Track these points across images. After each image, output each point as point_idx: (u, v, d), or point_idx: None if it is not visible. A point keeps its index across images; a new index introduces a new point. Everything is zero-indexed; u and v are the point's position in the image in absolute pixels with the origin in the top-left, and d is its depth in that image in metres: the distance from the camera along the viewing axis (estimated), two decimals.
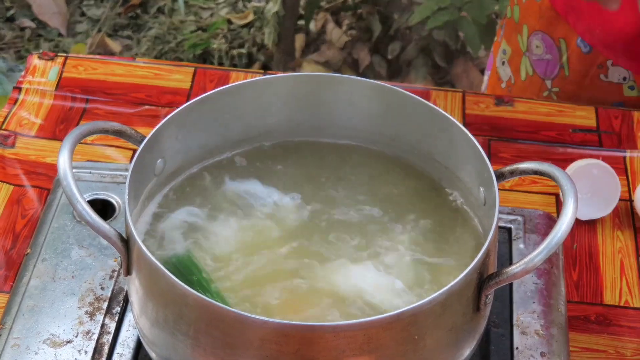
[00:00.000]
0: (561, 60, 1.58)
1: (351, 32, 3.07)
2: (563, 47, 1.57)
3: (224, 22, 3.13)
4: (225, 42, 3.09)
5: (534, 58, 1.63)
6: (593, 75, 1.56)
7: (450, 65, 2.96)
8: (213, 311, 0.89)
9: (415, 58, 2.88)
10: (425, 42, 2.88)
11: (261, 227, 1.07)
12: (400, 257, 1.05)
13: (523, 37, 1.64)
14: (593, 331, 1.23)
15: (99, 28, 3.14)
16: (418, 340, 0.90)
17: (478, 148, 1.01)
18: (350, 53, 3.02)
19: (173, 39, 3.13)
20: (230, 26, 3.17)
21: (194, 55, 3.05)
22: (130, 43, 3.14)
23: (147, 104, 1.48)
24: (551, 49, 1.59)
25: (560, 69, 1.59)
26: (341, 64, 3.01)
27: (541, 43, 1.60)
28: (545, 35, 1.59)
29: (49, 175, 1.36)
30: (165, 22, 3.18)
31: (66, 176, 0.94)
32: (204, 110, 1.07)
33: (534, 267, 0.91)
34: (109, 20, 3.18)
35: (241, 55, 3.06)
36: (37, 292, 1.11)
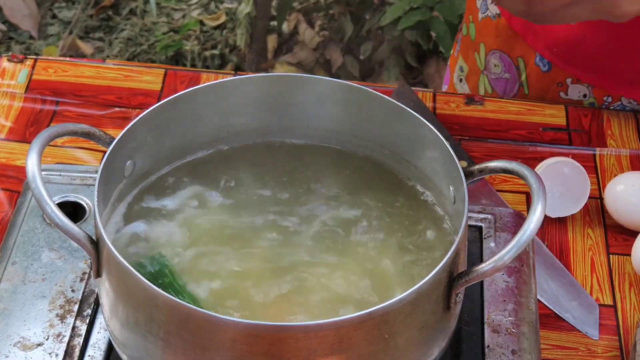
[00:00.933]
0: (520, 79, 1.59)
1: (323, 33, 3.08)
2: (522, 66, 1.57)
3: (196, 24, 3.13)
4: (198, 44, 3.09)
5: (492, 77, 1.63)
6: (553, 93, 1.56)
7: (423, 65, 2.96)
8: (183, 312, 0.88)
9: (388, 58, 2.89)
10: (397, 42, 2.89)
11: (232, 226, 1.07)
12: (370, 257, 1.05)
13: (480, 55, 1.64)
14: (564, 329, 1.23)
15: (70, 30, 3.13)
16: (389, 340, 0.90)
17: (446, 147, 1.01)
18: (322, 54, 3.02)
19: (145, 41, 3.13)
20: (203, 27, 3.17)
21: (166, 56, 3.05)
22: (102, 45, 3.13)
23: (117, 105, 1.47)
24: (510, 68, 1.59)
25: (519, 87, 1.60)
26: (314, 64, 3.02)
27: (499, 62, 1.60)
28: (503, 54, 1.59)
29: (19, 178, 1.36)
30: (137, 24, 3.18)
31: (35, 179, 0.94)
32: (174, 111, 1.07)
33: (503, 265, 0.92)
34: (80, 22, 3.17)
35: (214, 56, 3.06)
36: (7, 295, 1.10)
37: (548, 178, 1.31)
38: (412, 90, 1.49)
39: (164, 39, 3.08)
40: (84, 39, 3.15)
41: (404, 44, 2.88)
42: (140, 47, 3.10)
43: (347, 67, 2.95)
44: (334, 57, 2.98)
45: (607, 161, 1.44)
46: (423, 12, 2.70)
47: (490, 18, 1.59)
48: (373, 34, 2.96)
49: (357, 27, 2.93)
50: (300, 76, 1.09)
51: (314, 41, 3.07)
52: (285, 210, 1.09)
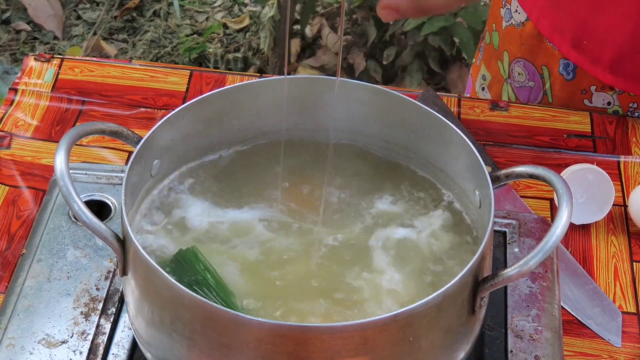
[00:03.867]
0: (544, 87, 1.58)
1: (346, 37, 3.08)
2: (546, 75, 1.57)
3: (220, 26, 3.14)
4: (221, 46, 3.10)
5: (516, 85, 1.63)
6: (577, 102, 1.56)
7: (446, 70, 2.96)
8: (208, 311, 0.89)
9: (411, 63, 2.89)
10: (421, 47, 2.89)
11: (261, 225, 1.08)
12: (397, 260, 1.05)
13: (504, 63, 1.63)
14: (586, 335, 1.23)
15: (94, 31, 3.14)
16: (413, 342, 0.90)
17: (474, 151, 1.01)
18: (345, 58, 3.02)
19: (169, 43, 3.14)
20: (226, 30, 3.18)
21: (189, 59, 3.05)
22: (125, 46, 3.14)
23: (143, 106, 1.48)
24: (534, 76, 1.59)
25: (543, 95, 1.59)
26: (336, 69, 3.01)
27: (523, 70, 1.60)
28: (528, 63, 1.59)
29: (44, 176, 1.36)
30: (160, 26, 3.18)
31: (63, 176, 0.94)
32: (200, 111, 1.07)
33: (528, 270, 0.91)
34: (104, 23, 3.18)
35: (237, 59, 3.07)
36: (33, 292, 1.11)
37: (572, 185, 1.31)
38: (437, 95, 1.49)
39: (187, 41, 3.09)
40: (108, 40, 3.16)
41: (427, 49, 2.88)
42: (164, 49, 3.11)
43: (370, 71, 2.95)
44: (357, 61, 2.98)
45: (631, 169, 1.43)
46: (446, 18, 2.70)
47: (515, 26, 1.59)
48: (396, 39, 2.96)
49: (381, 32, 2.93)
50: (327, 78, 1.10)
51: (337, 45, 3.08)
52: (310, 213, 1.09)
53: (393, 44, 2.95)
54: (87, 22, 3.20)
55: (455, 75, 2.94)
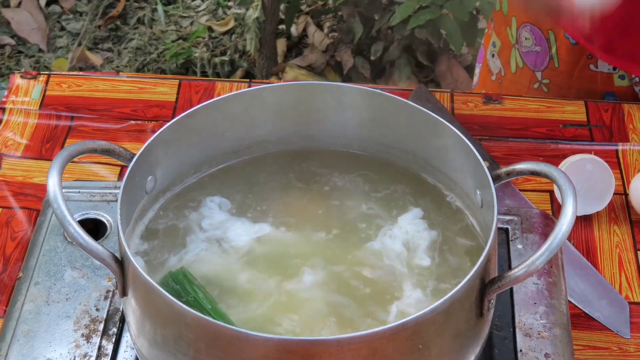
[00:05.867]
0: (550, 52, 1.58)
1: (333, 35, 3.06)
2: (552, 39, 1.57)
3: (205, 30, 3.12)
4: (207, 50, 3.08)
5: (523, 50, 1.62)
6: (583, 66, 1.56)
7: (434, 63, 2.95)
8: (213, 330, 0.87)
9: (399, 58, 2.87)
10: (408, 41, 2.87)
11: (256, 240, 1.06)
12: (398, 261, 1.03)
13: (512, 29, 1.63)
14: (595, 328, 1.22)
15: (79, 42, 3.12)
16: (423, 350, 0.89)
17: (473, 152, 1.00)
18: (333, 55, 3.00)
19: (154, 50, 3.11)
20: (211, 34, 3.16)
21: (176, 64, 3.03)
22: (111, 55, 3.12)
23: (133, 118, 1.46)
24: (540, 41, 1.58)
25: (550, 60, 1.58)
26: (324, 66, 3.00)
27: (530, 35, 1.59)
28: (534, 28, 1.58)
29: (37, 196, 1.34)
30: (145, 33, 3.16)
31: (56, 198, 0.92)
32: (192, 124, 1.05)
33: (536, 269, 0.90)
34: (88, 33, 3.16)
35: (223, 62, 3.05)
36: (32, 316, 1.09)
37: (571, 176, 1.29)
38: (430, 91, 1.48)
39: (173, 47, 3.07)
40: (93, 50, 3.13)
41: (414, 43, 2.87)
42: (150, 55, 3.09)
43: (358, 68, 2.94)
44: (344, 58, 2.96)
45: (630, 156, 1.42)
46: (433, 11, 2.67)
47: None
48: (383, 34, 2.94)
49: (367, 28, 2.91)
50: (320, 84, 1.08)
51: (324, 43, 3.06)
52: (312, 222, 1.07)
53: (380, 39, 2.93)
54: (71, 33, 3.17)
55: (444, 68, 2.92)
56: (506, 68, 1.67)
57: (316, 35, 3.08)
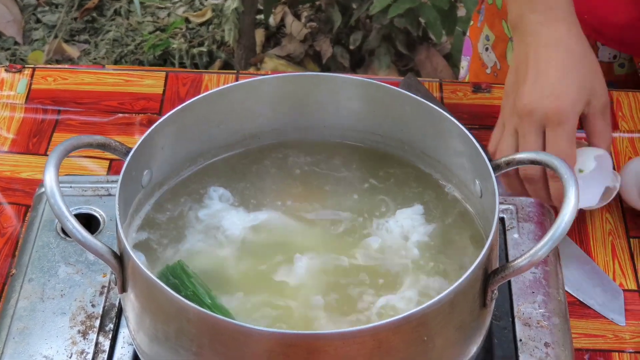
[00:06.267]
0: None
1: (311, 24, 3.05)
2: None
3: (182, 22, 3.10)
4: (185, 42, 3.06)
5: None
6: None
7: (413, 52, 2.94)
8: (216, 325, 0.86)
9: (378, 47, 2.86)
10: (387, 30, 2.86)
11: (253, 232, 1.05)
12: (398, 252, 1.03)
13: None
14: (590, 316, 1.22)
15: (55, 34, 3.09)
16: (427, 341, 0.88)
17: (472, 141, 0.99)
18: (311, 45, 2.99)
19: (132, 41, 3.09)
20: (189, 25, 3.14)
21: (154, 56, 3.01)
22: (88, 47, 3.09)
23: (120, 111, 1.45)
24: None
25: None
26: (303, 56, 2.99)
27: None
28: None
29: (25, 191, 1.33)
30: (122, 24, 3.14)
31: (54, 194, 0.91)
32: (188, 117, 1.04)
33: (539, 259, 0.90)
34: (65, 25, 3.13)
35: (201, 53, 3.03)
36: (27, 313, 1.07)
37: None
38: (419, 81, 1.47)
39: (150, 38, 3.05)
40: (70, 42, 3.11)
41: (393, 32, 2.86)
42: (127, 47, 3.07)
43: (337, 57, 2.93)
44: (323, 48, 2.95)
45: (620, 144, 1.42)
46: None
47: None
48: (362, 23, 2.93)
49: (346, 17, 2.90)
50: (316, 75, 1.07)
51: (302, 33, 3.04)
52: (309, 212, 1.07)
53: (359, 29, 2.92)
54: (47, 25, 3.14)
55: (423, 57, 2.92)
56: (502, 61, 1.66)
57: (294, 25, 3.07)
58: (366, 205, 1.07)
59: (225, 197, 1.07)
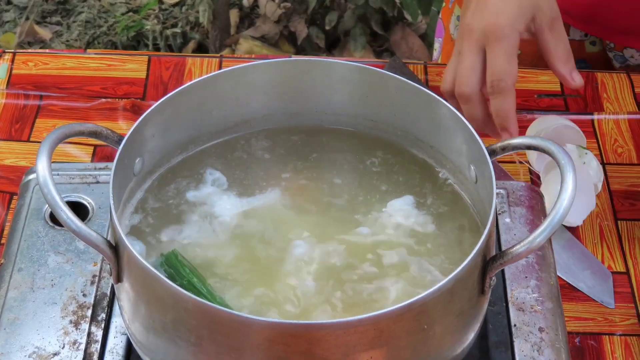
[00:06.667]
0: None
1: (285, 5, 3.03)
2: None
3: (156, 3, 3.07)
4: (158, 23, 3.03)
5: None
6: None
7: (388, 32, 2.93)
8: (216, 315, 0.85)
9: (353, 27, 2.85)
10: (362, 10, 2.86)
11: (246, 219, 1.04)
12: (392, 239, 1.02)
13: None
14: (579, 299, 1.22)
15: (26, 16, 3.06)
16: (428, 329, 0.88)
17: (467, 126, 0.98)
18: (286, 26, 2.98)
19: (104, 22, 3.06)
20: (162, 6, 3.11)
21: (127, 37, 2.98)
22: (60, 29, 3.06)
23: (103, 96, 1.43)
24: None
25: None
26: (278, 37, 2.97)
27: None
28: None
29: (9, 178, 1.31)
30: (94, 6, 3.11)
31: (47, 183, 0.90)
32: (180, 104, 1.03)
33: (538, 245, 0.89)
34: (36, 7, 3.10)
35: (175, 35, 3.01)
36: (17, 304, 1.06)
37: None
38: (404, 63, 1.46)
39: (123, 19, 3.02)
40: (41, 24, 3.08)
41: (369, 12, 2.85)
42: (100, 29, 3.04)
43: (313, 38, 2.91)
44: (298, 29, 2.94)
45: (605, 126, 1.42)
46: None
47: None
48: (337, 3, 2.92)
49: None
50: (308, 60, 1.06)
51: (276, 14, 3.03)
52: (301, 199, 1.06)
53: (334, 9, 2.91)
54: (19, 7, 3.11)
55: (398, 37, 2.91)
56: None
57: (268, 6, 3.05)
58: (359, 192, 1.06)
59: (219, 181, 1.06)
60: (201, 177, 1.07)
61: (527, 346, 1.04)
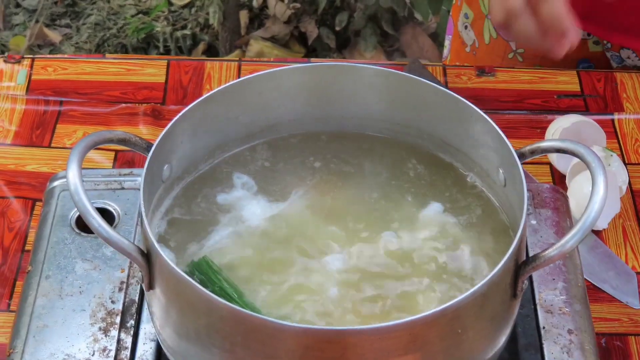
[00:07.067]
0: None
1: (294, 5, 3.03)
2: None
3: (166, 4, 3.07)
4: (168, 24, 3.03)
5: None
6: None
7: (399, 32, 2.93)
8: (250, 322, 0.85)
9: (364, 27, 2.85)
10: (372, 10, 2.85)
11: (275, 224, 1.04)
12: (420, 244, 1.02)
13: (485, 0, 1.61)
14: (604, 300, 1.22)
15: (36, 19, 3.06)
16: (461, 334, 0.88)
17: (496, 129, 0.99)
18: (297, 26, 2.98)
19: (114, 25, 3.06)
20: (171, 8, 3.11)
21: (137, 39, 2.98)
22: (70, 32, 3.06)
23: (123, 101, 1.43)
24: None
25: None
26: (288, 38, 2.97)
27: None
28: None
29: (31, 184, 1.31)
30: (104, 8, 3.11)
31: (77, 191, 0.90)
32: (208, 110, 1.03)
33: (570, 249, 0.89)
34: (45, 9, 3.10)
35: (185, 36, 3.01)
36: (45, 311, 1.06)
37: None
38: (423, 65, 1.46)
39: (133, 21, 3.02)
40: (51, 26, 3.07)
41: (379, 11, 2.85)
42: (110, 31, 3.04)
43: (323, 38, 2.91)
44: (309, 29, 2.94)
45: (626, 126, 1.42)
46: None
47: None
48: (347, 3, 2.92)
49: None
50: (335, 65, 1.06)
51: (286, 14, 3.03)
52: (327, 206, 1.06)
53: (344, 9, 2.91)
54: (28, 9, 3.11)
55: (409, 37, 2.91)
56: (480, 39, 1.65)
57: (277, 7, 3.05)
58: (387, 197, 1.06)
59: (247, 185, 1.06)
60: (229, 182, 1.07)
61: (557, 348, 1.04)
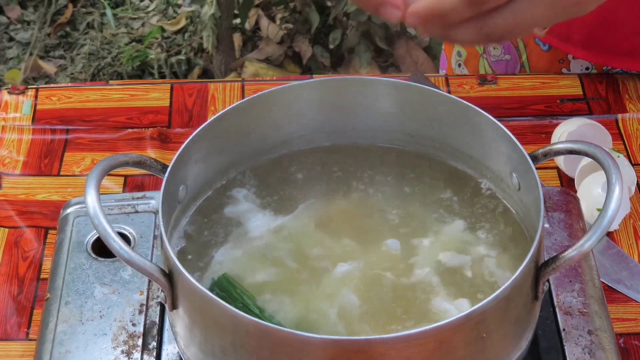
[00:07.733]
0: (521, 60, 1.57)
1: (287, 26, 3.05)
2: (521, 47, 1.56)
3: (159, 31, 3.08)
4: (162, 51, 3.04)
5: (492, 59, 1.61)
6: (555, 71, 1.55)
7: (392, 47, 2.94)
8: (277, 336, 0.86)
9: (357, 44, 2.87)
10: (365, 27, 2.87)
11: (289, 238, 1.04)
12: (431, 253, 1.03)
13: None
14: (619, 300, 1.22)
15: (30, 52, 3.07)
16: (486, 338, 0.88)
17: (508, 134, 0.99)
18: (290, 46, 2.99)
19: (108, 54, 3.07)
20: (164, 34, 3.12)
21: (132, 67, 2.99)
22: (64, 63, 3.07)
23: (129, 127, 1.44)
24: (509, 50, 1.57)
25: (520, 68, 1.58)
26: (283, 58, 2.98)
27: (498, 45, 1.58)
28: None
29: (42, 213, 1.31)
30: (97, 37, 3.12)
31: (97, 215, 0.90)
32: (220, 129, 1.04)
33: (589, 249, 0.90)
34: (39, 42, 3.11)
35: (180, 62, 3.02)
36: (67, 337, 1.06)
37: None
38: (426, 77, 1.47)
39: (127, 50, 3.03)
40: (45, 58, 3.08)
41: (372, 27, 2.86)
42: (104, 60, 3.05)
43: (318, 57, 2.93)
44: (303, 48, 2.95)
45: (630, 126, 1.43)
46: None
47: None
48: (339, 21, 2.93)
49: (324, 17, 2.90)
50: (343, 79, 1.07)
51: (278, 35, 3.04)
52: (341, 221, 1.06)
53: (337, 27, 2.92)
54: (21, 42, 3.12)
55: (402, 51, 2.93)
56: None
57: (270, 28, 3.06)
58: (399, 208, 1.07)
59: (260, 201, 1.07)
60: (242, 199, 1.07)
61: (578, 349, 1.04)
